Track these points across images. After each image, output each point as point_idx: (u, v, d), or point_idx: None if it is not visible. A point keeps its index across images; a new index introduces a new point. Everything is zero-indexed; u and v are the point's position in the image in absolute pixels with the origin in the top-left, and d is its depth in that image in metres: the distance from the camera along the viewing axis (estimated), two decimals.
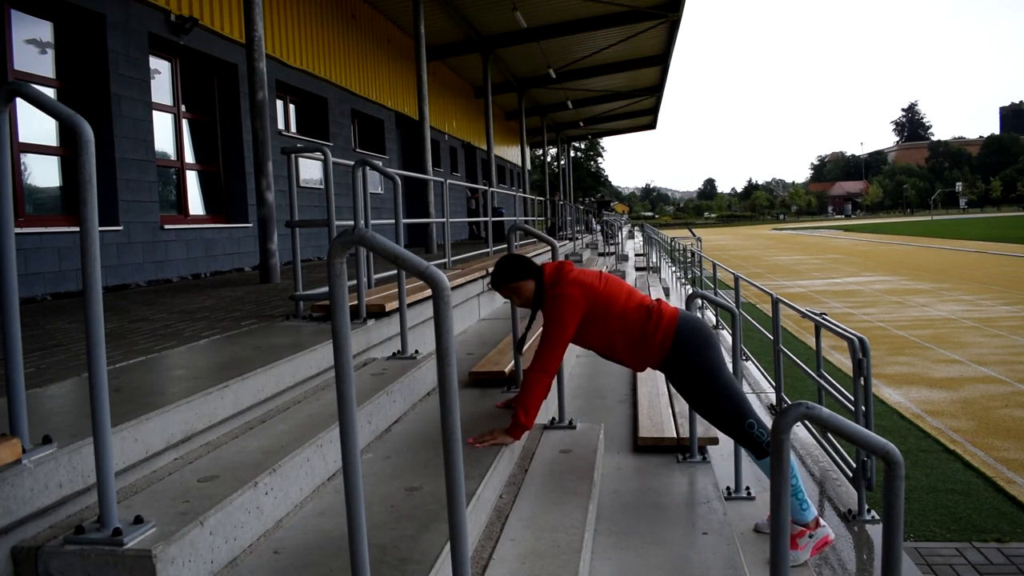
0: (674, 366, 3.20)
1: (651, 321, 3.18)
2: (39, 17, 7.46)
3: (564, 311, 3.12)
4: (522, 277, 3.29)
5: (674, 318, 3.19)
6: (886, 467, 1.59)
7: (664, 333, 3.16)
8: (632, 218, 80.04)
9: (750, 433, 3.14)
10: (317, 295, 4.31)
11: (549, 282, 3.23)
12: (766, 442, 3.08)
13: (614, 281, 3.31)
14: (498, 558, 2.28)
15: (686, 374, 3.19)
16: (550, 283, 3.22)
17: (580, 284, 3.18)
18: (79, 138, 1.67)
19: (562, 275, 3.23)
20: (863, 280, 23.44)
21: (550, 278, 3.24)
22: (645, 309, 3.21)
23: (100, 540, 1.64)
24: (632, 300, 3.24)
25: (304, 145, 8.15)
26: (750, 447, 3.20)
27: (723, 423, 3.22)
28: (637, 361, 3.28)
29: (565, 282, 3.19)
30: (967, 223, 72.77)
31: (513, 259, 3.35)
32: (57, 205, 7.65)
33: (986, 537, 5.16)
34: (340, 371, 1.56)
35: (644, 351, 3.20)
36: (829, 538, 3.31)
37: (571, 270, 3.27)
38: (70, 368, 2.97)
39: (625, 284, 3.37)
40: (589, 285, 3.20)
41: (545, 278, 3.25)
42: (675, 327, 3.16)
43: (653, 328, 3.17)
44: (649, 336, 3.17)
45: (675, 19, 17.41)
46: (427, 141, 12.67)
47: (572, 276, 3.22)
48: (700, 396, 3.20)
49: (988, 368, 10.21)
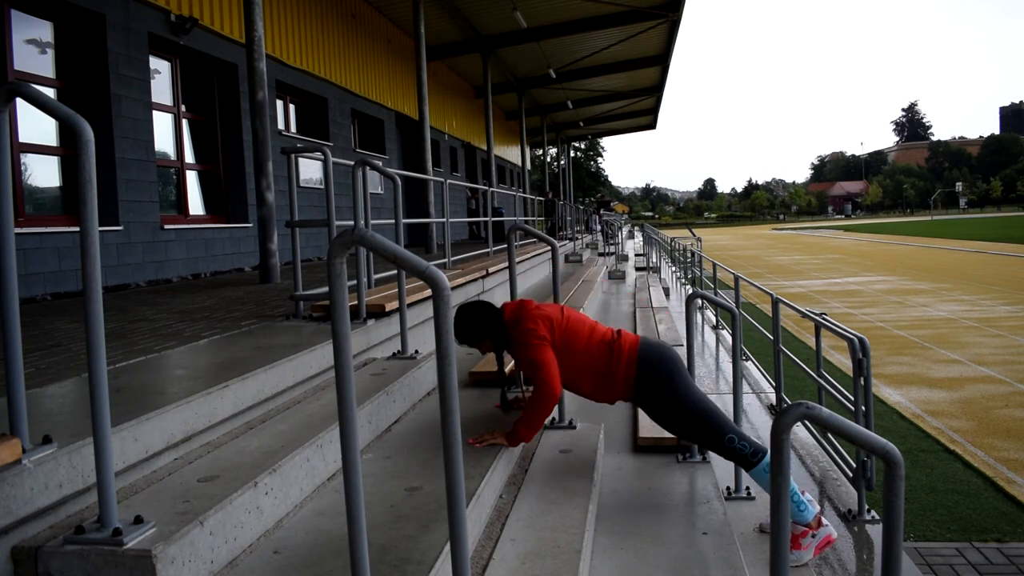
0: (643, 398, 3.18)
1: (613, 356, 3.14)
2: (39, 17, 7.46)
3: (533, 345, 3.09)
4: (480, 338, 3.28)
5: (635, 350, 3.16)
6: (886, 467, 1.59)
7: (626, 367, 3.13)
8: (632, 218, 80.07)
9: (732, 448, 3.10)
10: (317, 295, 4.31)
11: (511, 322, 3.20)
12: (750, 453, 3.07)
13: (576, 317, 3.28)
14: (498, 558, 2.28)
15: (657, 403, 3.16)
16: (512, 323, 3.20)
17: (542, 320, 3.16)
18: (79, 138, 1.67)
19: (524, 314, 3.20)
20: (863, 280, 23.44)
21: (511, 318, 3.22)
22: (607, 345, 3.17)
23: (100, 540, 1.64)
24: (594, 336, 3.20)
25: (304, 145, 8.16)
26: (736, 460, 3.18)
27: (704, 442, 3.19)
28: (606, 397, 3.26)
29: (528, 319, 3.17)
30: (967, 223, 72.79)
31: (468, 317, 3.30)
32: (57, 205, 7.65)
33: (986, 537, 5.16)
34: (340, 371, 1.56)
35: (610, 387, 3.18)
36: (832, 537, 3.30)
37: (531, 307, 3.24)
38: (70, 368, 2.97)
39: (587, 319, 3.33)
40: (550, 319, 3.18)
41: (506, 319, 3.23)
42: (636, 358, 3.13)
43: (616, 363, 3.13)
44: (613, 371, 3.14)
45: (675, 19, 17.42)
46: (427, 141, 12.67)
47: (534, 314, 3.19)
48: (676, 421, 3.17)
49: (988, 368, 10.21)
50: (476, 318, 3.29)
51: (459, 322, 3.30)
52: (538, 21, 16.98)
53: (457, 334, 3.31)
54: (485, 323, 3.27)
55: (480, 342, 3.32)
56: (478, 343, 3.33)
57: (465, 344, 3.35)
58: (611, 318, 9.76)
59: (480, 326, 3.27)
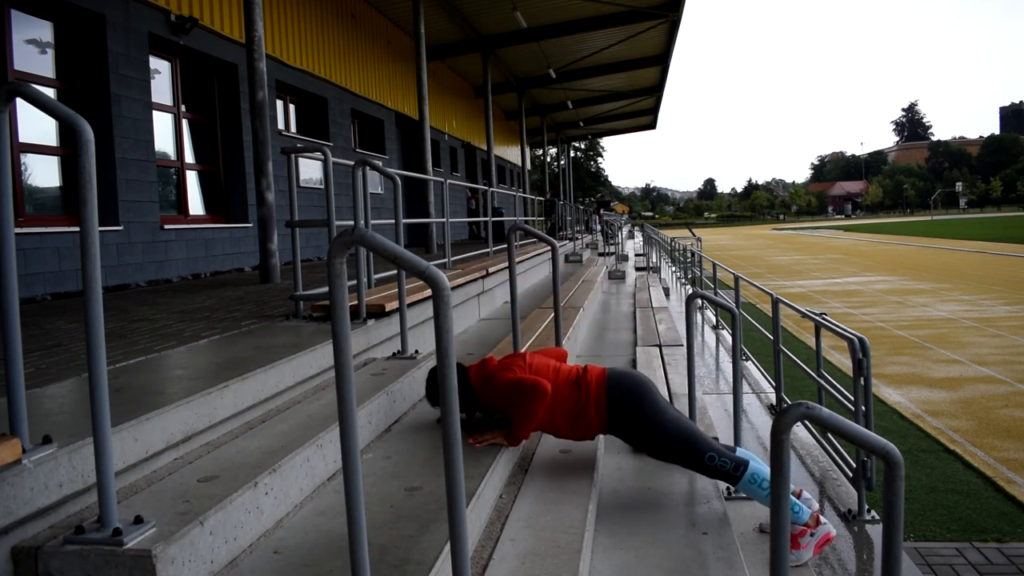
0: (619, 428, 3.15)
1: (581, 393, 3.12)
2: (39, 17, 7.46)
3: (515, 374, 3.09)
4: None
5: (602, 382, 3.13)
6: (886, 467, 1.59)
7: (596, 401, 3.10)
8: (632, 218, 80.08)
9: (713, 467, 3.06)
10: (317, 295, 4.31)
11: (477, 382, 3.21)
12: (732, 468, 3.04)
13: (539, 361, 3.26)
14: (498, 558, 2.28)
15: (632, 431, 3.14)
16: (479, 382, 3.20)
17: (509, 367, 3.16)
18: (79, 138, 1.67)
19: (487, 367, 3.22)
20: (863, 280, 23.44)
21: (476, 377, 3.22)
22: (573, 383, 3.15)
23: (100, 540, 1.64)
24: (560, 376, 3.18)
25: (304, 145, 8.17)
26: (720, 478, 3.13)
27: (685, 464, 3.15)
28: (582, 435, 3.23)
29: (492, 369, 3.18)
30: (967, 223, 72.79)
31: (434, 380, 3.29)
32: (57, 205, 7.65)
33: (986, 537, 5.16)
34: (340, 371, 1.56)
35: (585, 424, 3.15)
36: (831, 535, 3.30)
37: (493, 359, 3.28)
38: (70, 368, 2.97)
39: (551, 361, 3.29)
40: (517, 366, 3.17)
41: (472, 381, 3.22)
42: (605, 390, 3.11)
43: (585, 400, 3.11)
44: (584, 408, 3.11)
45: (675, 19, 17.42)
46: (427, 141, 12.67)
47: (497, 363, 3.22)
48: (654, 446, 3.14)
49: (988, 368, 10.21)
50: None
51: (431, 385, 3.31)
52: (538, 21, 16.98)
53: (429, 397, 3.32)
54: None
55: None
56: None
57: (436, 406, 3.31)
58: (611, 318, 9.77)
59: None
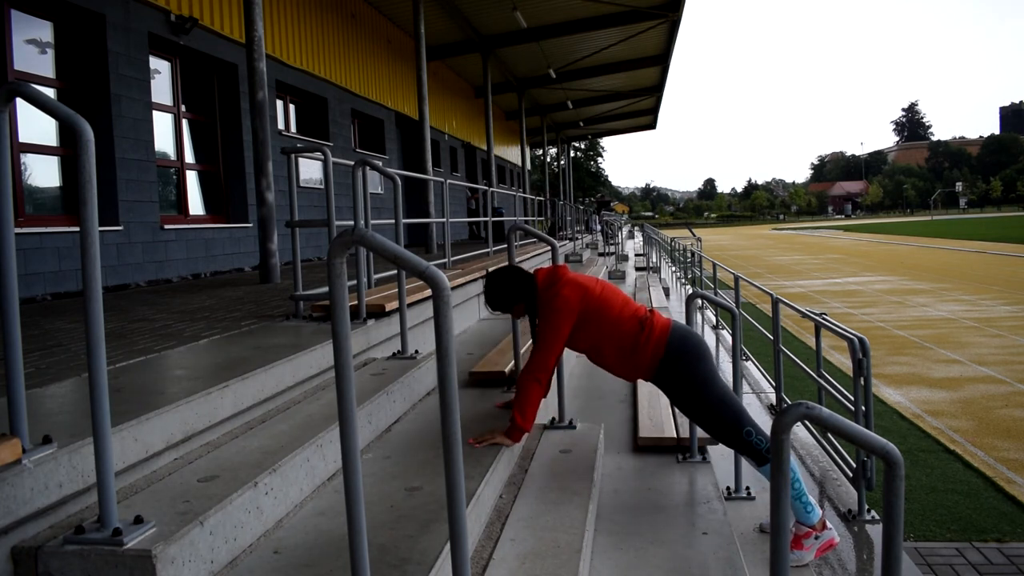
0: (667, 378, 3.17)
1: (643, 333, 3.14)
2: (39, 17, 7.45)
3: (558, 315, 3.10)
4: (513, 302, 3.28)
5: (666, 330, 3.15)
6: (886, 467, 1.59)
7: (655, 345, 3.12)
8: (632, 218, 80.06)
9: (748, 441, 3.08)
10: (317, 295, 4.31)
11: (543, 287, 3.20)
12: (765, 448, 3.05)
13: (610, 288, 3.29)
14: (498, 558, 2.28)
15: (679, 386, 3.15)
16: (544, 288, 3.20)
17: (575, 286, 3.16)
18: (79, 138, 1.67)
19: (557, 278, 3.21)
20: (863, 280, 23.43)
21: (544, 283, 3.21)
22: (638, 320, 3.17)
23: (100, 540, 1.64)
24: (627, 310, 3.20)
25: (304, 145, 8.16)
26: (750, 455, 3.15)
27: (721, 433, 3.17)
28: (628, 372, 3.26)
29: (560, 284, 3.17)
30: (967, 223, 72.77)
31: (501, 282, 3.30)
32: (57, 205, 7.65)
33: (986, 537, 5.16)
34: (340, 371, 1.55)
35: (635, 362, 3.17)
36: (835, 541, 3.30)
37: (566, 273, 3.25)
38: (70, 368, 2.97)
39: (621, 293, 3.34)
40: (584, 287, 3.18)
41: (539, 284, 3.22)
42: (666, 339, 3.13)
43: (644, 340, 3.13)
44: (640, 347, 3.13)
45: (675, 19, 17.42)
46: (427, 141, 12.67)
47: (567, 278, 3.20)
48: (695, 407, 3.16)
49: (988, 368, 10.21)
50: (509, 283, 3.28)
51: (491, 287, 3.29)
52: (538, 21, 16.97)
53: (488, 299, 3.33)
54: (518, 288, 3.26)
55: (512, 307, 3.31)
56: (510, 308, 3.32)
57: (497, 310, 3.34)
58: None
59: (513, 291, 3.26)
